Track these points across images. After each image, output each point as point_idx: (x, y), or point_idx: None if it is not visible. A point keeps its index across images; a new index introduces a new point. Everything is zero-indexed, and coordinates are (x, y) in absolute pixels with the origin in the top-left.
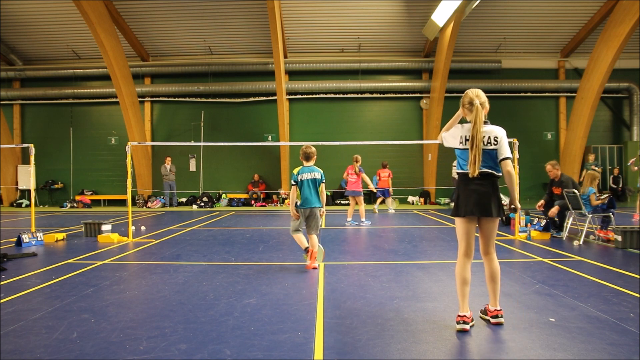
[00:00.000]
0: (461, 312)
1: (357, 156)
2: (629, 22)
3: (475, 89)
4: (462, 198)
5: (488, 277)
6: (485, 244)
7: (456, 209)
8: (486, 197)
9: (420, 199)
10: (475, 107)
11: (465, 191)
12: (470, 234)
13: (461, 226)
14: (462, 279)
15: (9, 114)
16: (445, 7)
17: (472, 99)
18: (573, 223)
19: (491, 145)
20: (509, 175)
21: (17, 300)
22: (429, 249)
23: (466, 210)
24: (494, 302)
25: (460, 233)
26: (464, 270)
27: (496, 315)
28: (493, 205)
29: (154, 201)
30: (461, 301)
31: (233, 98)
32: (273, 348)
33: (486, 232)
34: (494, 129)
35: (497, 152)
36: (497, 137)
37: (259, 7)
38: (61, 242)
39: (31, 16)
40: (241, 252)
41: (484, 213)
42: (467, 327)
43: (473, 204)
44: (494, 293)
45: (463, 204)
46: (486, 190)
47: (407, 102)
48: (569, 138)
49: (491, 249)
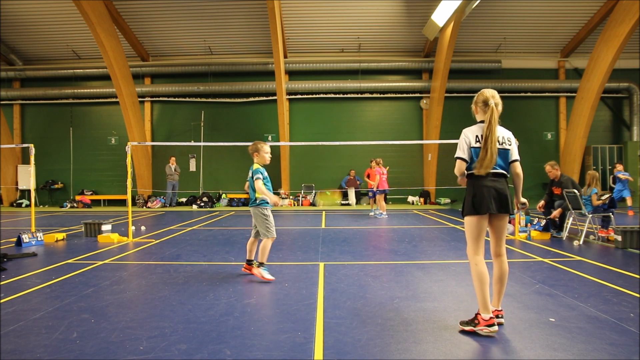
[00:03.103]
0: (487, 313)
1: (379, 159)
2: (629, 22)
3: (491, 90)
4: (479, 195)
5: (497, 278)
6: (498, 244)
7: (473, 207)
8: (504, 194)
9: (420, 199)
10: (490, 107)
11: (481, 189)
12: (484, 232)
13: (477, 224)
14: (485, 278)
15: (9, 114)
16: (445, 7)
17: (487, 98)
18: (573, 223)
19: (506, 145)
20: (518, 176)
21: (17, 300)
22: (429, 249)
23: (488, 207)
24: (498, 303)
25: (475, 232)
26: (484, 268)
27: (497, 316)
28: (510, 202)
29: (154, 201)
30: (486, 301)
31: (233, 98)
32: (273, 348)
33: (499, 230)
34: (504, 130)
35: (509, 152)
36: (509, 138)
37: (259, 7)
38: (61, 242)
39: (31, 16)
40: (241, 252)
41: (502, 209)
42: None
43: (493, 201)
44: (499, 294)
45: (481, 201)
46: (503, 187)
47: (407, 102)
48: (569, 138)
49: (503, 249)
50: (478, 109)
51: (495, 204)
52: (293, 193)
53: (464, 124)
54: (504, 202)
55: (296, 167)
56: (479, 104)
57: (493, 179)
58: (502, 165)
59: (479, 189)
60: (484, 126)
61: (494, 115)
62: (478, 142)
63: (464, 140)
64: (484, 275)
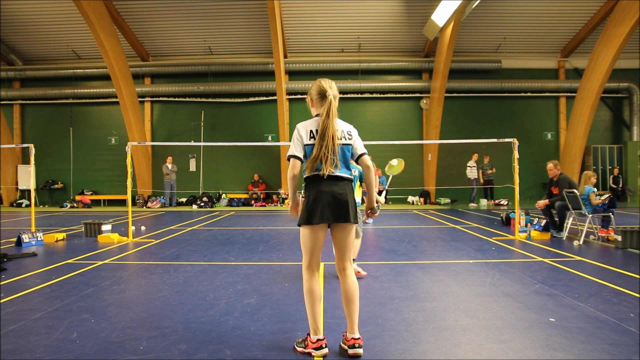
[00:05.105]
0: (315, 335)
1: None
2: (629, 22)
3: (328, 80)
4: (313, 202)
5: (344, 298)
6: (340, 257)
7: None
8: (344, 199)
9: (420, 199)
10: (329, 99)
11: (316, 194)
12: (319, 244)
13: (311, 235)
14: (314, 296)
15: (9, 114)
16: (445, 7)
17: (324, 89)
18: (573, 223)
19: (345, 139)
20: (369, 169)
21: (17, 300)
22: (429, 249)
23: (321, 216)
24: (352, 328)
25: (308, 244)
26: (314, 285)
27: (354, 345)
28: (350, 210)
29: (154, 201)
30: (316, 321)
31: (233, 98)
32: (273, 348)
33: (340, 241)
34: (344, 123)
35: (352, 148)
36: (350, 132)
37: (259, 7)
38: (61, 242)
39: (31, 16)
40: (241, 252)
41: (340, 218)
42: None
43: (329, 209)
44: (351, 317)
45: (314, 208)
46: (343, 192)
47: (407, 102)
48: (569, 138)
49: (347, 264)
50: (313, 102)
51: (331, 212)
52: None
53: (464, 124)
54: (342, 210)
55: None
56: (314, 96)
57: (330, 182)
58: (342, 165)
59: (313, 194)
60: (319, 120)
61: (332, 107)
62: (312, 138)
63: (296, 137)
64: (313, 293)
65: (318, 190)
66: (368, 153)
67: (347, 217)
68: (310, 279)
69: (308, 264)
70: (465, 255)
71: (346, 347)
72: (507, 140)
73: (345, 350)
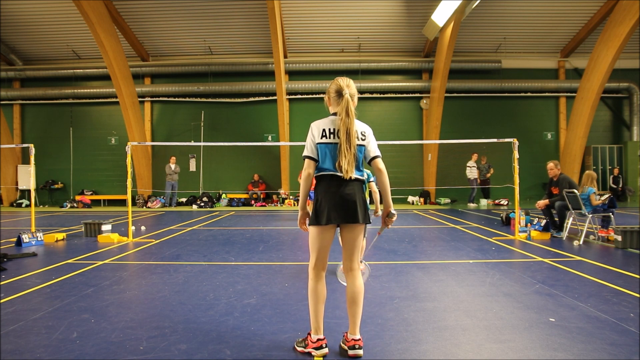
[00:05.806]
0: (316, 335)
1: None
2: (629, 22)
3: (347, 79)
4: (322, 202)
5: (348, 298)
6: (348, 257)
7: (315, 216)
8: (352, 200)
9: (420, 199)
10: (345, 98)
11: (325, 194)
12: (327, 244)
13: (319, 235)
14: (318, 296)
15: (9, 114)
16: (445, 7)
17: (341, 87)
18: (573, 223)
19: (359, 140)
20: (382, 173)
21: (17, 300)
22: (429, 249)
23: (329, 216)
24: (354, 330)
25: (316, 244)
26: (319, 285)
27: (354, 346)
28: (360, 210)
29: (154, 201)
30: (318, 321)
31: (233, 98)
32: (273, 348)
33: (348, 242)
34: (360, 123)
35: (366, 149)
36: (364, 132)
37: (259, 7)
38: (61, 242)
39: (31, 16)
40: (241, 252)
41: (349, 219)
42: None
43: (337, 209)
44: (354, 318)
45: (323, 209)
46: (352, 193)
47: (407, 102)
48: (569, 138)
49: (355, 264)
50: (331, 100)
51: (340, 213)
52: (293, 193)
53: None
54: (351, 211)
55: (296, 167)
56: (332, 94)
57: (340, 183)
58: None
59: (323, 194)
60: (336, 119)
61: (349, 106)
62: (324, 137)
63: (310, 137)
64: (317, 293)
65: (327, 190)
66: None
67: (355, 217)
68: (315, 278)
69: (314, 264)
70: (465, 255)
71: (346, 348)
72: (507, 140)
73: (345, 351)
